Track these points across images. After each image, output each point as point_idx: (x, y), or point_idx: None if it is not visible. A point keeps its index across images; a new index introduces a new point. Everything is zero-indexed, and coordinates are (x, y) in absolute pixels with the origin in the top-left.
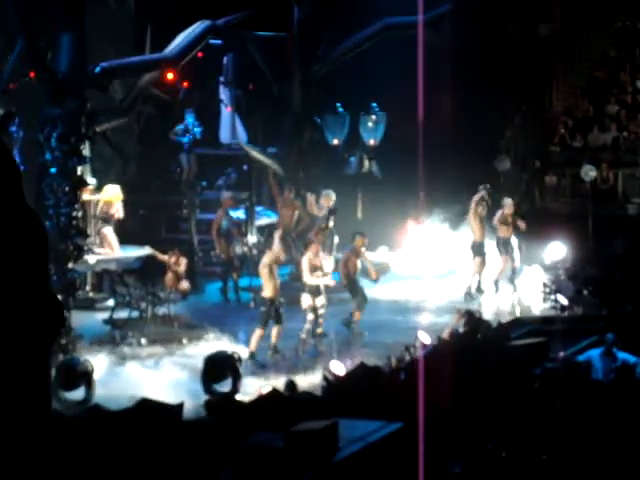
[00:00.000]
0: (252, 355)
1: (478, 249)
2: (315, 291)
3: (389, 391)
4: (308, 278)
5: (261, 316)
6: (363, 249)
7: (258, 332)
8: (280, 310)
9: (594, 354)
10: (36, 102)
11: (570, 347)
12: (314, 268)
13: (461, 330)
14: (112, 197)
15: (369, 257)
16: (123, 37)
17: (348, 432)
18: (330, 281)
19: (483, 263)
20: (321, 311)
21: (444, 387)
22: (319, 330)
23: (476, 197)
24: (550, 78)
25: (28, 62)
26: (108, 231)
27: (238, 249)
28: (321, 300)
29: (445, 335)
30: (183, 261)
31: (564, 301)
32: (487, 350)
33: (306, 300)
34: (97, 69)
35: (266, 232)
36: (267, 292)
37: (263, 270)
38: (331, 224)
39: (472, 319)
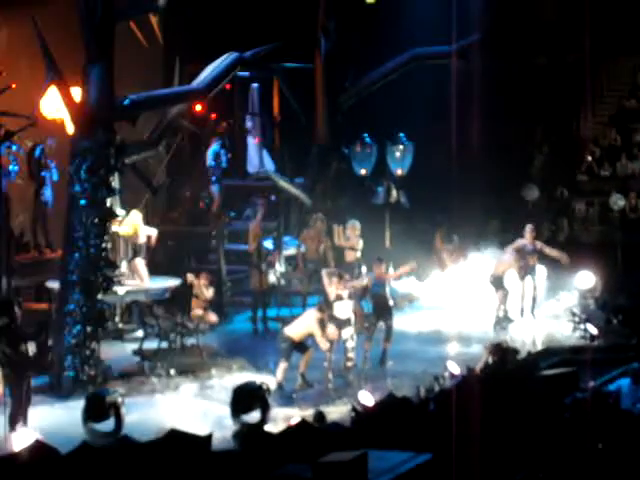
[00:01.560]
0: (280, 386)
1: (498, 282)
2: (342, 322)
3: (418, 422)
4: (339, 309)
5: (282, 351)
6: (389, 272)
7: (282, 365)
8: (304, 342)
9: (624, 383)
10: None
11: (600, 377)
12: (339, 298)
13: (493, 361)
14: (132, 225)
15: (397, 286)
16: (152, 70)
17: (377, 463)
18: (355, 309)
19: (506, 294)
20: (350, 343)
21: (474, 418)
22: (349, 364)
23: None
24: (578, 107)
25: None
26: (139, 262)
27: (271, 279)
28: (349, 331)
29: (477, 367)
30: (210, 289)
31: (594, 330)
32: (517, 380)
33: (331, 331)
34: (126, 101)
35: (294, 262)
36: (296, 335)
37: (313, 323)
38: (358, 254)
39: (500, 349)
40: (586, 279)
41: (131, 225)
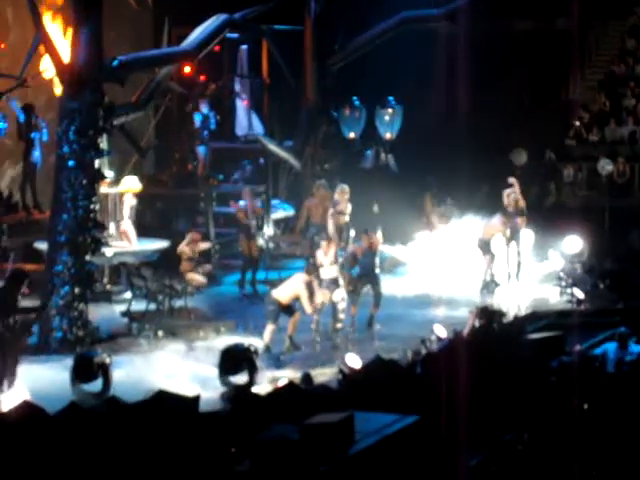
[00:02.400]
0: (267, 348)
1: (485, 246)
2: (330, 284)
3: (405, 384)
4: (324, 272)
5: (270, 314)
6: (378, 243)
7: (270, 327)
8: (292, 305)
9: (610, 347)
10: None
11: (586, 341)
12: (324, 262)
13: (479, 324)
14: (130, 189)
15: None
16: (141, 31)
17: (364, 425)
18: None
19: (493, 258)
20: (341, 305)
21: (460, 380)
22: (338, 325)
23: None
24: (567, 72)
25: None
26: (126, 224)
27: (260, 242)
28: (340, 293)
29: (464, 331)
30: (203, 244)
31: (580, 295)
32: (503, 343)
33: (322, 295)
34: (115, 62)
35: (282, 225)
36: (283, 298)
37: (301, 286)
38: (347, 218)
39: (486, 312)
40: (573, 243)
41: (132, 187)
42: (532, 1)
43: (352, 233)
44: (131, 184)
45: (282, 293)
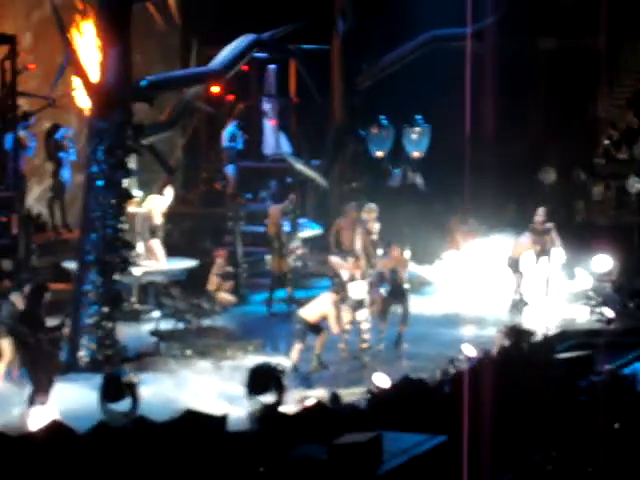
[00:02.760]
0: (295, 367)
1: (515, 265)
2: (356, 304)
3: (433, 404)
4: (351, 291)
5: (297, 332)
6: (405, 258)
7: (297, 346)
8: (319, 324)
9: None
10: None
11: (616, 360)
12: (353, 279)
13: (509, 344)
14: (156, 207)
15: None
16: (169, 51)
17: (392, 445)
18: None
19: (522, 277)
20: (365, 325)
21: (489, 400)
22: (364, 345)
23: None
24: (595, 90)
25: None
26: (155, 243)
27: (291, 261)
28: (364, 313)
29: (493, 350)
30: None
31: (610, 314)
32: (532, 363)
33: (346, 314)
34: (143, 82)
35: (309, 244)
36: (311, 317)
37: (328, 305)
38: (375, 237)
39: (515, 331)
40: (602, 262)
41: (158, 205)
42: (560, 19)
43: (379, 252)
44: (158, 203)
45: (309, 312)
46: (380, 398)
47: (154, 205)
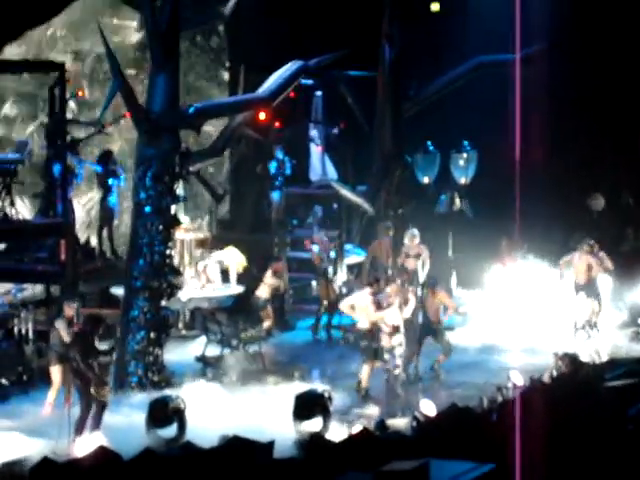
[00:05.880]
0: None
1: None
2: (392, 329)
3: (481, 432)
4: (388, 317)
5: (364, 351)
6: (441, 293)
7: (366, 367)
8: (376, 346)
9: None
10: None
11: None
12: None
13: (561, 372)
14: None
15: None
16: (217, 78)
17: (439, 473)
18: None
19: (585, 304)
20: (398, 350)
21: (537, 428)
22: (396, 371)
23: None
24: None
25: (123, 102)
26: (213, 267)
27: (337, 288)
28: (399, 339)
29: (545, 378)
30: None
31: None
32: (582, 391)
33: (385, 340)
34: (191, 109)
35: (355, 270)
36: (347, 306)
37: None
38: (419, 264)
39: (572, 359)
40: None
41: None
42: (610, 45)
43: (421, 279)
44: (233, 256)
45: (347, 302)
46: (427, 425)
47: (229, 258)
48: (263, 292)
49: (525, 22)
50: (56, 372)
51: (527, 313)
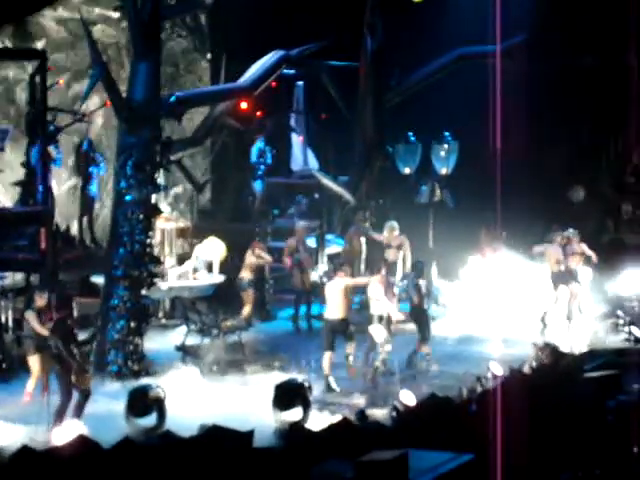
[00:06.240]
0: (326, 378)
1: (558, 279)
2: (377, 321)
3: (460, 422)
4: (377, 308)
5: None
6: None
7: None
8: (350, 329)
9: None
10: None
11: None
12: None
13: (541, 362)
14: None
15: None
16: (198, 67)
17: (418, 463)
18: (397, 313)
19: (556, 295)
20: (381, 341)
21: (517, 418)
22: (377, 363)
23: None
24: (626, 109)
25: (104, 90)
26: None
27: (314, 277)
28: (378, 330)
29: (525, 369)
30: (266, 256)
31: (638, 333)
32: (561, 382)
33: (380, 330)
34: (172, 98)
35: (336, 260)
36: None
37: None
38: (399, 254)
39: (550, 349)
40: (631, 281)
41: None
42: (591, 38)
43: (404, 270)
44: (214, 246)
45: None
46: (406, 415)
47: (209, 250)
48: (246, 273)
49: (506, 13)
50: (34, 361)
51: (506, 304)
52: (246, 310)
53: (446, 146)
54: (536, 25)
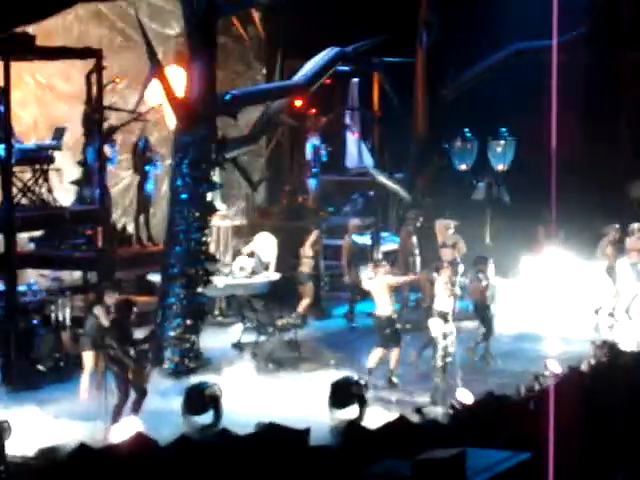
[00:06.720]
0: (370, 372)
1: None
2: (445, 317)
3: (518, 421)
4: (440, 304)
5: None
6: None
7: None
8: (399, 332)
9: None
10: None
11: None
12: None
13: (599, 360)
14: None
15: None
16: (253, 65)
17: (476, 461)
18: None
19: (613, 292)
20: (450, 339)
21: (575, 417)
22: (448, 359)
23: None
24: None
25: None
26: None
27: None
28: (450, 327)
29: (583, 366)
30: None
31: None
32: (619, 380)
33: (437, 326)
34: (227, 96)
35: (391, 258)
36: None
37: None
38: (455, 253)
39: (613, 350)
40: None
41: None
42: None
43: (461, 268)
44: (266, 242)
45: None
46: (463, 414)
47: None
48: (305, 266)
49: (564, 8)
50: (88, 357)
51: (563, 301)
52: (305, 303)
53: (503, 142)
54: (595, 19)
